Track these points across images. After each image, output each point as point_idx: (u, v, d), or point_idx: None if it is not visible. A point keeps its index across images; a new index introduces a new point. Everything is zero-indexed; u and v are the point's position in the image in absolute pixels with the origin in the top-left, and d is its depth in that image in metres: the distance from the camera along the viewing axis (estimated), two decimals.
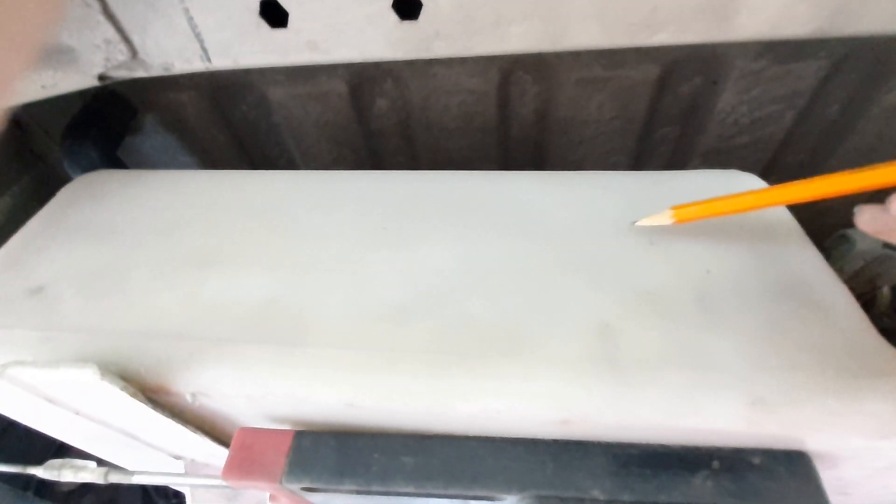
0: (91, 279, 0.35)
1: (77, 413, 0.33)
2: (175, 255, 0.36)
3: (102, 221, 0.40)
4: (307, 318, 0.31)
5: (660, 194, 0.37)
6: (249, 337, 0.30)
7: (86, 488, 0.88)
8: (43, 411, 0.33)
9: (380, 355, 0.28)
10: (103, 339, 0.30)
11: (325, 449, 0.29)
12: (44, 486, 0.83)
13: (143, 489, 0.86)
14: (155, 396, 0.29)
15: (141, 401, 0.28)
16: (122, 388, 0.27)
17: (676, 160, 0.57)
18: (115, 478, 0.38)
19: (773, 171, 0.57)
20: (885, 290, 0.50)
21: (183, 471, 0.42)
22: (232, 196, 0.41)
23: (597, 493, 0.26)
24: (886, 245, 0.44)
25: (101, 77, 0.38)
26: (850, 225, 0.48)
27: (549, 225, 0.35)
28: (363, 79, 0.51)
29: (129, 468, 0.38)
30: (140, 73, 0.38)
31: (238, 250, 0.36)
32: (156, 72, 0.38)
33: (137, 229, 0.38)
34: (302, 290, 0.32)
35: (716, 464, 0.26)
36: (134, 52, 0.37)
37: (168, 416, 0.30)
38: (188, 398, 0.29)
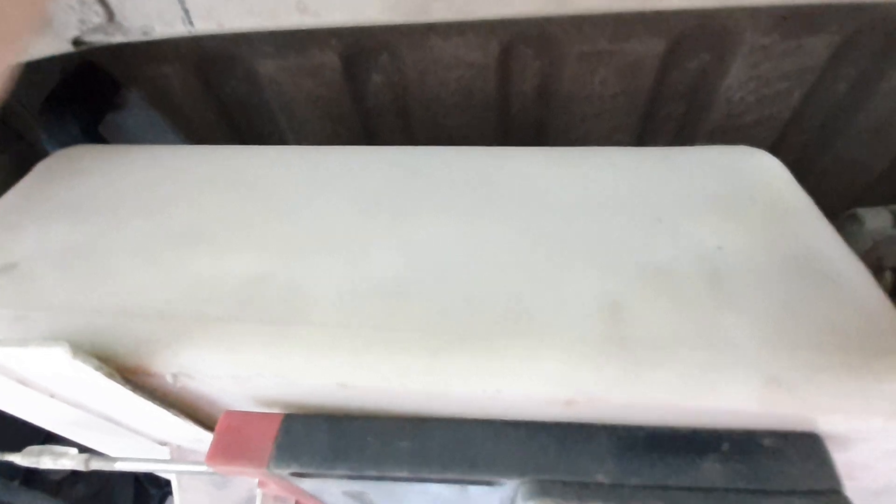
0: (68, 256, 0.33)
1: (52, 396, 0.31)
2: (158, 232, 0.34)
3: (81, 197, 0.38)
4: (298, 296, 0.29)
5: (668, 171, 0.35)
6: (236, 315, 0.28)
7: (76, 477, 0.86)
8: (18, 395, 0.32)
9: (374, 334, 0.27)
10: (79, 317, 0.29)
11: (315, 433, 0.27)
12: (32, 476, 0.81)
13: (136, 478, 0.85)
14: (134, 378, 0.28)
15: (118, 382, 0.27)
16: (97, 368, 0.26)
17: (681, 139, 0.56)
18: (96, 465, 0.36)
19: (780, 151, 0.56)
20: (888, 275, 0.49)
21: (168, 457, 0.40)
22: (220, 171, 0.38)
23: (601, 478, 0.25)
24: None
25: (77, 41, 0.36)
26: (860, 204, 0.47)
27: (554, 201, 0.34)
28: (357, 51, 0.49)
29: (113, 455, 0.37)
30: (118, 38, 0.36)
31: (226, 226, 0.34)
32: (134, 36, 0.35)
33: (118, 205, 0.36)
34: (293, 267, 0.30)
35: (725, 446, 0.25)
36: (110, 14, 0.35)
37: (148, 399, 0.28)
38: (169, 379, 0.27)
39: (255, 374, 0.27)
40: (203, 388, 0.29)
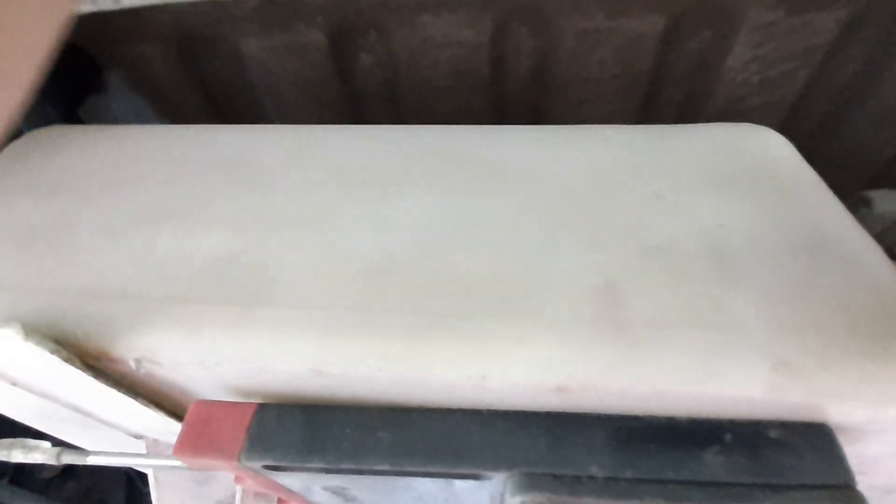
0: (31, 236, 0.31)
1: (14, 384, 0.29)
2: (127, 211, 0.32)
3: (50, 176, 0.36)
4: (270, 276, 0.27)
5: (668, 148, 0.34)
6: (203, 296, 0.26)
7: (67, 476, 0.85)
8: None
9: (351, 316, 0.25)
10: (37, 298, 0.27)
11: (290, 423, 0.26)
12: (21, 474, 0.80)
13: (128, 476, 0.83)
14: (96, 363, 0.26)
15: (77, 367, 0.25)
16: (53, 352, 0.24)
17: (682, 123, 0.54)
18: (68, 458, 0.34)
19: (786, 136, 0.54)
20: None
21: (144, 451, 0.39)
22: (195, 150, 0.37)
23: (595, 471, 0.23)
24: None
25: None
26: (870, 186, 0.46)
27: (546, 178, 0.32)
28: (344, 29, 0.47)
29: (87, 449, 0.35)
30: (87, 7, 0.34)
31: (198, 205, 0.32)
32: (104, 5, 0.33)
33: (87, 184, 0.35)
34: (266, 246, 0.29)
35: (728, 437, 0.24)
36: None
37: (111, 386, 0.26)
38: (132, 365, 0.25)
39: (222, 358, 0.25)
40: (171, 376, 0.27)
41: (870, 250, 0.26)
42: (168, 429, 0.33)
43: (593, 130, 0.36)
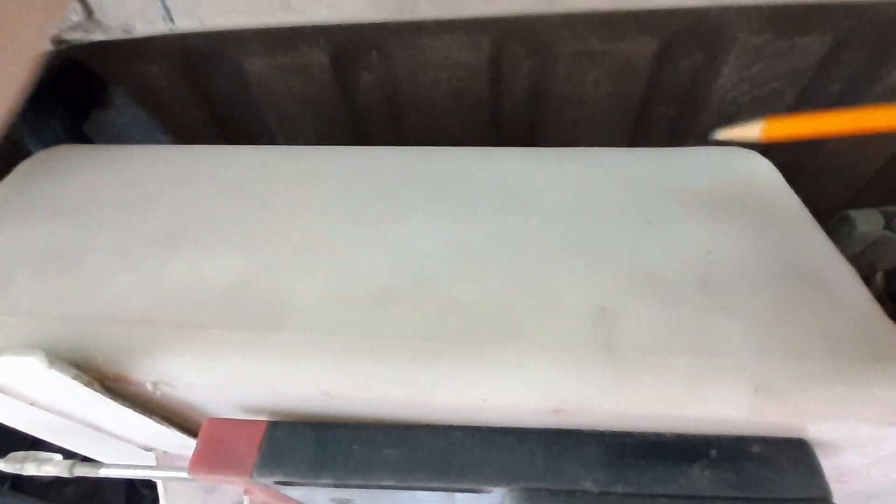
0: (46, 260, 0.32)
1: (32, 404, 0.30)
2: (139, 234, 0.33)
3: (62, 198, 0.37)
4: (281, 301, 0.28)
5: (659, 172, 0.35)
6: (217, 321, 0.27)
7: (66, 480, 0.85)
8: None
9: (359, 341, 0.26)
10: (57, 323, 0.28)
11: (300, 440, 0.27)
12: (21, 480, 0.80)
13: (128, 480, 0.84)
14: (114, 386, 0.27)
15: (97, 390, 0.26)
16: (75, 377, 0.25)
17: (674, 141, 0.55)
18: (80, 471, 0.35)
19: (772, 153, 0.56)
20: (879, 276, 0.49)
21: (154, 463, 0.40)
22: (204, 171, 0.38)
23: (589, 485, 0.25)
24: (887, 227, 0.43)
25: (56, 39, 0.35)
26: (851, 206, 0.47)
27: (543, 203, 0.33)
28: (346, 50, 0.48)
29: (99, 461, 0.36)
30: (98, 36, 0.35)
31: (209, 228, 0.33)
32: (115, 34, 0.34)
33: (99, 206, 0.36)
34: (277, 271, 0.30)
35: (714, 453, 0.25)
36: (89, 12, 0.34)
37: (129, 407, 0.28)
38: (149, 387, 0.27)
39: (235, 381, 0.26)
40: (186, 396, 0.28)
41: (846, 276, 0.28)
42: (179, 442, 0.35)
43: (589, 154, 0.37)
